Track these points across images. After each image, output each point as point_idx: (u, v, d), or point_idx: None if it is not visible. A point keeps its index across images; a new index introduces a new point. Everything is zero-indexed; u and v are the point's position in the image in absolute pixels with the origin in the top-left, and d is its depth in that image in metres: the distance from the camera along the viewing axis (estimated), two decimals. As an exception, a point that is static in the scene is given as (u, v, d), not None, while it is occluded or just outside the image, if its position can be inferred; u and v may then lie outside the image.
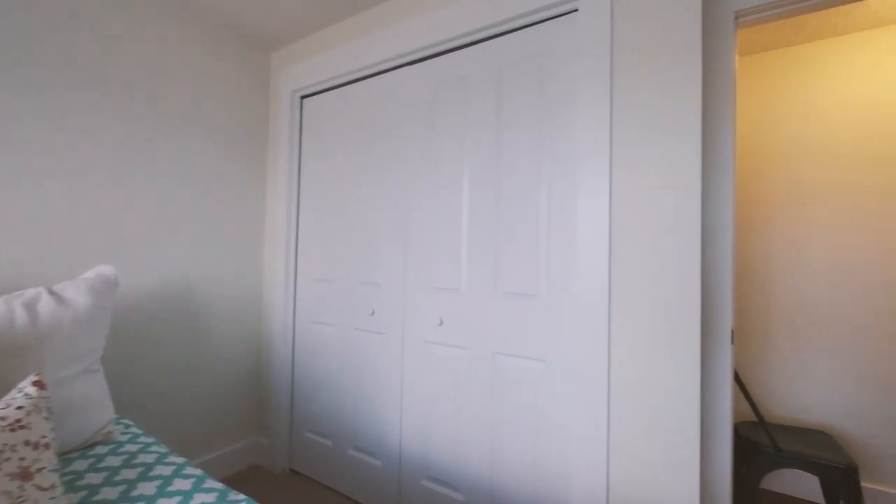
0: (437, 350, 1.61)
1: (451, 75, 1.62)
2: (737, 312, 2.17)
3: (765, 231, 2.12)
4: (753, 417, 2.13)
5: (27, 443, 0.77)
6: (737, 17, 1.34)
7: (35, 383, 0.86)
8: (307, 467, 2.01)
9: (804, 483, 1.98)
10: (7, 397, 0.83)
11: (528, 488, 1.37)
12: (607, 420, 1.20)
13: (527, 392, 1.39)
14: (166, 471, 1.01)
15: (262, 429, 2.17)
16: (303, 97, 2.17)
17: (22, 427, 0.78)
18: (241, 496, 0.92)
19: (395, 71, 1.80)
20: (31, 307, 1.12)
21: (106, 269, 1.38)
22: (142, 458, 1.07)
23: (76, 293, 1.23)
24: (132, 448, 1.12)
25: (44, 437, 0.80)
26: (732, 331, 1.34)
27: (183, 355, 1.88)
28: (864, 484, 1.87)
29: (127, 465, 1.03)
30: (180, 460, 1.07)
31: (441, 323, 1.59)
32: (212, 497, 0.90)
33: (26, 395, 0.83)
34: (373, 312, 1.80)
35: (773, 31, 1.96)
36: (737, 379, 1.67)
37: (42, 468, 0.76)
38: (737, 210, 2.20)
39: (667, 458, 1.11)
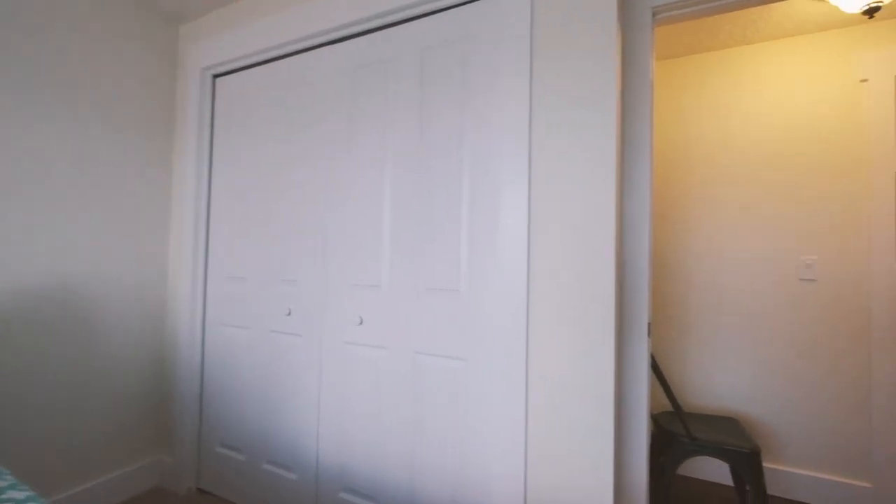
0: (356, 351, 1.50)
1: (373, 58, 1.52)
2: (658, 307, 2.26)
3: (683, 228, 2.22)
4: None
5: None
6: (654, 14, 1.35)
7: None
8: (217, 485, 1.81)
9: (715, 468, 2.09)
10: None
11: (449, 494, 1.30)
12: (525, 418, 1.16)
13: (448, 393, 1.32)
14: (-5, 510, 0.82)
15: (165, 445, 1.93)
16: (215, 76, 1.97)
17: None
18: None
19: (315, 51, 1.66)
20: None
21: (-61, 265, 1.13)
22: (-33, 495, 0.87)
23: None
24: (-43, 483, 0.91)
25: None
26: (649, 324, 1.36)
27: (65, 366, 1.62)
28: (766, 464, 2.00)
29: (-58, 506, 0.83)
30: (21, 495, 0.88)
31: (361, 322, 1.48)
32: (48, 540, 0.74)
33: None
34: (289, 313, 1.65)
35: (690, 35, 2.04)
36: (656, 371, 1.72)
37: None
38: (657, 207, 2.28)
39: (583, 453, 1.09)
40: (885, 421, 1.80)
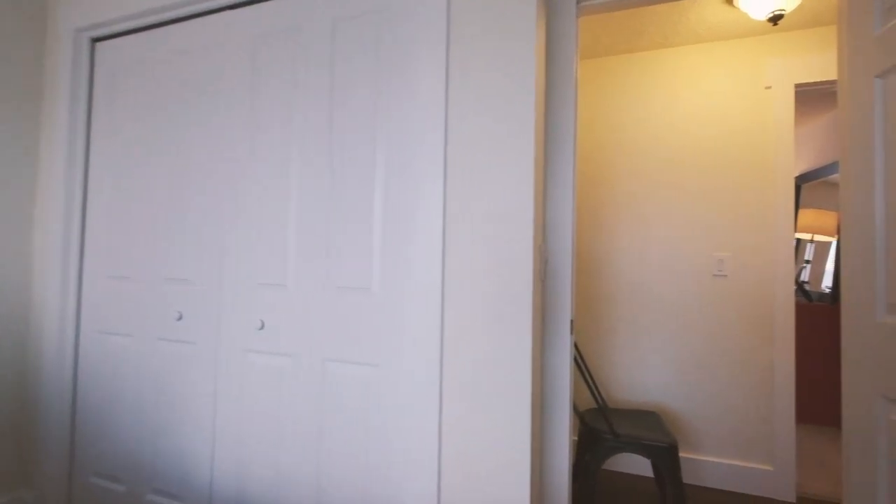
0: (257, 360, 1.32)
1: (280, 26, 1.34)
2: (586, 305, 2.28)
3: (610, 227, 2.26)
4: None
5: None
6: (578, 2, 1.31)
7: None
8: (91, 522, 1.54)
9: (638, 461, 2.14)
10: None
11: (360, 516, 1.17)
12: (439, 427, 1.06)
13: (359, 404, 1.19)
14: None
15: (26, 478, 1.61)
16: (94, 40, 1.67)
17: None
18: None
19: (213, 15, 1.45)
20: None
21: None
22: None
23: None
24: None
25: None
26: (572, 321, 1.32)
27: None
28: (683, 454, 2.07)
29: None
30: None
31: (263, 326, 1.30)
32: None
33: None
34: (180, 317, 1.43)
35: (616, 35, 2.07)
36: (581, 368, 1.70)
37: None
38: (586, 207, 2.30)
39: (499, 462, 1.01)
40: (784, 409, 1.92)
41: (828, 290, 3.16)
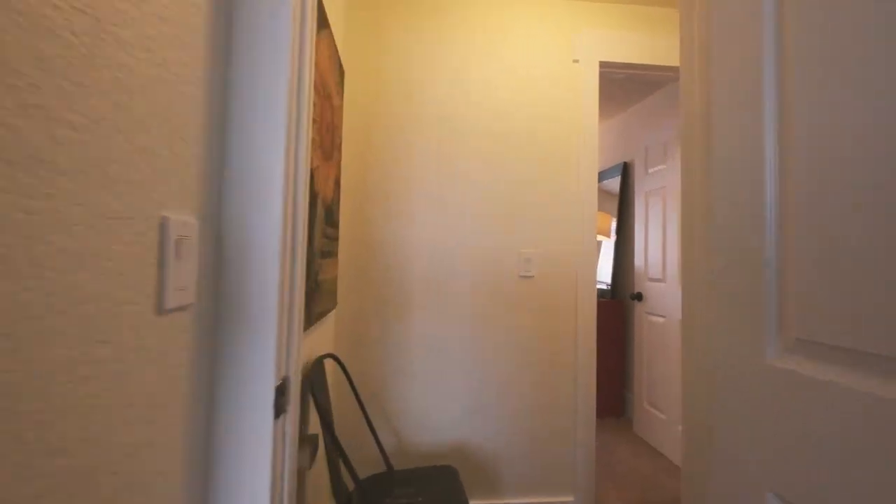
0: None
1: None
2: (380, 319, 1.67)
3: (411, 216, 1.70)
4: (392, 463, 1.68)
5: None
6: None
7: None
8: None
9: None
10: None
11: None
12: None
13: None
14: None
15: None
16: None
17: None
18: None
19: None
20: None
21: None
22: None
23: None
24: None
25: None
26: (282, 384, 0.65)
27: None
28: (485, 502, 1.67)
29: None
30: None
31: None
32: None
33: None
34: None
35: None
36: (337, 443, 1.06)
37: None
38: (381, 191, 1.70)
39: None
40: (585, 430, 1.70)
41: (606, 287, 3.40)
